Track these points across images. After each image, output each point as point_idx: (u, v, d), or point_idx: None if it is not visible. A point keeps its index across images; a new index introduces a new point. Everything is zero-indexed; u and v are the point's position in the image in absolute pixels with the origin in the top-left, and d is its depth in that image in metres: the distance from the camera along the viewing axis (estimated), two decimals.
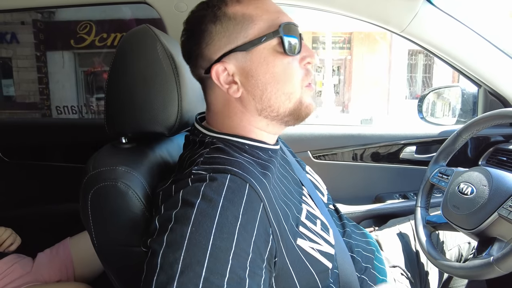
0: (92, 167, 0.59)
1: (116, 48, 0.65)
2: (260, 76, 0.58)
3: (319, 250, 0.59)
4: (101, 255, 0.62)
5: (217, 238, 0.44)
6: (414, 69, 10.50)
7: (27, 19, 6.45)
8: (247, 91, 0.59)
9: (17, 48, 6.64)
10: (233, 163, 0.54)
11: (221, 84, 0.59)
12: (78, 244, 1.16)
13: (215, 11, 0.58)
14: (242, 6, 0.58)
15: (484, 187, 0.73)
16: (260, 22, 0.58)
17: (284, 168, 0.71)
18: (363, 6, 1.13)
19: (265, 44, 0.57)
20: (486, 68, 1.19)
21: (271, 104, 0.59)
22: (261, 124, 0.63)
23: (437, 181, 0.90)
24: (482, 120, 0.85)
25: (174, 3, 1.12)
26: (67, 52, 6.68)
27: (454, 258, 0.97)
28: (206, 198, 0.47)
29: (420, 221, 0.90)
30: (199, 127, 0.65)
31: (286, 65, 0.58)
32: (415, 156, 1.34)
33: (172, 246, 0.44)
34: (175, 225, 0.46)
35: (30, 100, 6.73)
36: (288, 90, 0.59)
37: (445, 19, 1.11)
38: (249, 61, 0.58)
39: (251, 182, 0.52)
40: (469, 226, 0.73)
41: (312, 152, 1.33)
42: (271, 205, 0.53)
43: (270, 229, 0.51)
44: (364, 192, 1.34)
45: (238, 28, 0.57)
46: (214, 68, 0.58)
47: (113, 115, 0.65)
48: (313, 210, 0.67)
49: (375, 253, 0.78)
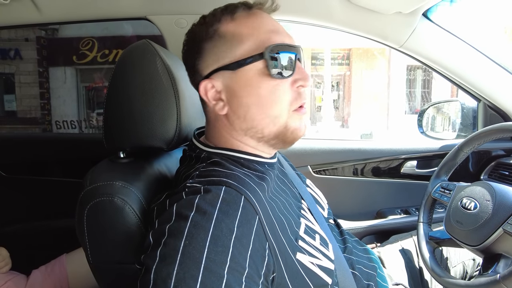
0: (89, 182, 0.58)
1: (116, 62, 0.66)
2: (244, 98, 0.57)
3: (318, 265, 0.57)
4: (96, 272, 0.60)
5: (211, 251, 0.43)
6: (413, 84, 10.58)
7: (31, 36, 6.57)
8: (232, 110, 0.59)
9: (20, 64, 6.75)
10: (228, 175, 0.54)
11: (208, 99, 0.60)
12: (74, 260, 1.13)
13: (207, 29, 0.59)
14: (235, 25, 0.58)
15: (488, 202, 0.72)
16: (249, 42, 0.57)
17: (282, 181, 0.70)
18: (361, 22, 1.15)
19: (252, 65, 0.56)
20: (485, 82, 1.19)
21: (255, 125, 0.59)
22: (250, 142, 0.62)
23: (439, 196, 0.89)
24: (483, 134, 0.85)
25: (174, 19, 1.14)
26: (69, 68, 6.79)
27: (459, 275, 0.95)
28: (200, 211, 0.47)
29: (423, 237, 0.88)
30: (196, 143, 0.65)
31: (272, 88, 0.57)
32: (416, 170, 1.33)
33: (165, 260, 0.43)
34: (168, 239, 0.45)
35: (31, 115, 6.79)
36: (273, 113, 0.58)
37: (443, 35, 1.13)
38: (234, 80, 0.57)
39: (247, 195, 0.51)
40: (474, 242, 0.72)
41: (312, 167, 1.32)
42: (267, 218, 0.52)
43: (267, 243, 0.50)
44: (365, 207, 1.33)
45: (227, 47, 0.57)
46: (203, 84, 0.59)
47: (111, 129, 0.65)
48: (312, 225, 0.65)
49: (377, 270, 0.77)
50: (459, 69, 1.18)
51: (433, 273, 0.81)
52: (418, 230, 0.90)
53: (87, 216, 0.56)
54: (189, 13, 1.13)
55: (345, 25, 1.18)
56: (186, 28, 1.16)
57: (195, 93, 0.72)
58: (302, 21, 1.19)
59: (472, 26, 5.85)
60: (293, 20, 1.18)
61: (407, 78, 10.37)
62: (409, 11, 1.05)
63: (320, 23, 1.19)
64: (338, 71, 10.97)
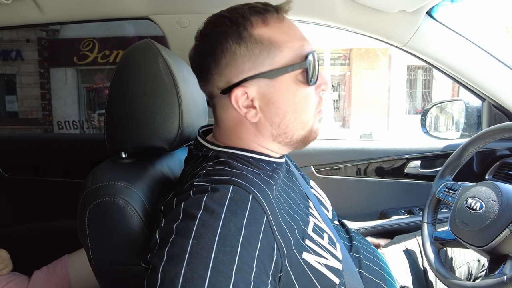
0: (90, 182, 0.58)
1: (118, 62, 0.65)
2: (282, 104, 0.57)
3: (325, 264, 0.57)
4: (98, 273, 0.60)
5: (219, 251, 0.43)
6: (414, 84, 10.57)
7: (32, 37, 6.57)
8: (265, 117, 0.59)
9: (21, 65, 6.75)
10: (236, 174, 0.53)
11: (239, 108, 0.58)
12: (76, 261, 1.13)
13: (240, 31, 0.55)
14: (269, 29, 0.56)
15: (494, 202, 0.71)
16: (287, 50, 0.56)
17: (290, 180, 0.69)
18: (365, 21, 1.14)
19: (291, 73, 0.56)
20: (489, 81, 1.18)
21: (287, 131, 0.60)
22: (272, 147, 0.63)
23: (444, 196, 0.88)
24: (488, 134, 0.84)
25: (176, 19, 1.13)
26: (70, 68, 6.78)
27: (464, 277, 0.94)
28: (208, 210, 0.46)
29: (427, 238, 0.87)
30: (202, 141, 0.64)
31: (307, 94, 0.58)
32: (420, 170, 1.32)
33: (173, 260, 0.43)
34: (176, 238, 0.45)
35: (32, 116, 6.80)
36: (304, 119, 0.60)
37: (447, 33, 1.12)
38: (272, 88, 0.57)
39: (255, 194, 0.50)
40: (480, 243, 0.71)
41: (315, 167, 1.32)
42: (275, 217, 0.52)
43: (275, 242, 0.49)
44: (369, 208, 1.32)
45: (265, 54, 0.55)
46: (235, 91, 0.56)
47: (113, 129, 0.64)
48: (320, 223, 0.65)
49: (386, 270, 0.76)
50: (464, 68, 1.17)
51: (438, 274, 0.80)
52: (422, 231, 0.90)
53: (89, 216, 0.56)
54: (191, 13, 1.12)
55: (349, 24, 1.17)
56: (188, 28, 1.17)
57: (197, 93, 0.71)
58: (306, 20, 1.18)
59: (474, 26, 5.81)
60: (297, 19, 1.17)
61: (408, 78, 10.36)
62: (413, 9, 1.04)
63: (323, 22, 1.18)
64: (339, 72, 10.97)
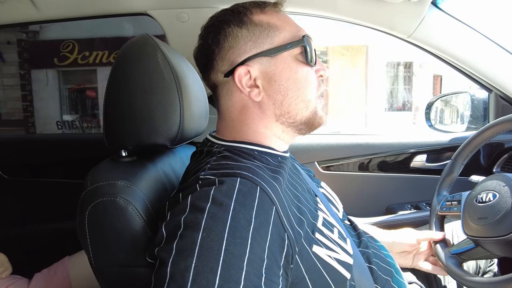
0: (89, 182, 0.56)
1: (116, 58, 0.64)
2: (283, 81, 0.60)
3: (336, 258, 0.56)
4: (99, 275, 0.58)
5: (230, 243, 0.43)
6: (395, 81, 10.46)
7: (13, 39, 6.53)
8: (268, 96, 0.61)
9: (3, 67, 6.72)
10: (242, 167, 0.53)
11: (242, 87, 0.60)
12: (76, 263, 1.12)
13: (241, 17, 0.61)
14: (266, 16, 0.62)
15: (506, 187, 0.70)
16: (285, 32, 0.61)
17: (296, 175, 0.69)
18: (367, 12, 1.11)
19: (290, 51, 0.60)
20: (497, 72, 1.16)
21: (290, 110, 0.61)
22: (276, 130, 0.64)
23: (448, 209, 0.87)
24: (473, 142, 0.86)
25: (175, 13, 1.11)
26: (51, 70, 6.77)
27: (472, 271, 0.93)
28: (217, 202, 0.46)
29: (443, 255, 0.82)
30: (209, 137, 0.66)
31: (307, 73, 0.62)
32: (426, 164, 1.30)
33: (183, 253, 0.43)
34: (184, 231, 0.45)
35: (15, 118, 6.77)
36: (307, 97, 0.62)
37: (453, 23, 1.10)
38: (273, 65, 0.60)
39: (262, 185, 0.50)
40: (504, 231, 0.68)
41: (319, 163, 1.30)
42: (284, 209, 0.51)
43: (285, 234, 0.49)
44: (375, 203, 1.30)
45: (264, 34, 0.60)
46: (238, 70, 0.59)
47: (111, 127, 0.63)
48: (329, 218, 0.65)
49: (393, 265, 0.74)
50: (470, 59, 1.15)
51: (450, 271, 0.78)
52: (436, 251, 0.85)
53: (89, 217, 0.54)
54: (190, 7, 1.09)
55: (351, 16, 1.15)
56: (187, 23, 1.15)
57: (198, 88, 0.70)
58: (306, 12, 1.16)
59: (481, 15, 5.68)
60: (297, 12, 1.15)
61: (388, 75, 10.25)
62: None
63: (324, 14, 1.16)
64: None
